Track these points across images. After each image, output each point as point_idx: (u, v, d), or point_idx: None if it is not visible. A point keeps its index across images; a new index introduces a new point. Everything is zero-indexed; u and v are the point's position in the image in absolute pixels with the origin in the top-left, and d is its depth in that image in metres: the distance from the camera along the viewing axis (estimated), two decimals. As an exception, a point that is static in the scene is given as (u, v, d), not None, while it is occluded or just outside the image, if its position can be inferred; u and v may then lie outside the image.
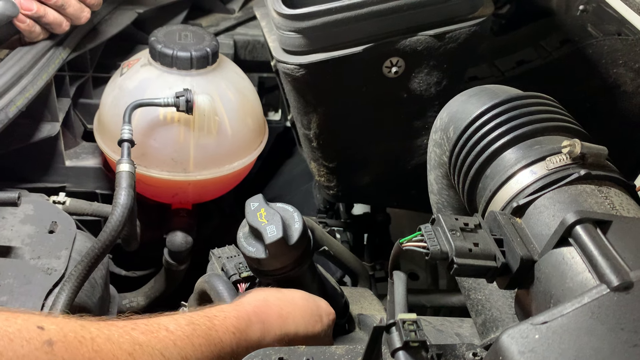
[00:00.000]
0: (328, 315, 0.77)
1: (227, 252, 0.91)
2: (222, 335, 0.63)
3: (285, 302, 0.73)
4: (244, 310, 0.68)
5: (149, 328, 0.58)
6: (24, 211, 0.96)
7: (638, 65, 1.02)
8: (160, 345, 0.56)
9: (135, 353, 0.54)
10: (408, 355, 0.51)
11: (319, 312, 0.76)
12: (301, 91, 0.99)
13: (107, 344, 0.53)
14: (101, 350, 0.52)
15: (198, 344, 0.60)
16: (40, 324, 0.51)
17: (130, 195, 0.95)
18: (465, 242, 0.58)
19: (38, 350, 0.49)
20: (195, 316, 0.63)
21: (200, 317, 0.63)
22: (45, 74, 1.10)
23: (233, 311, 0.67)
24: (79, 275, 0.84)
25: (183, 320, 0.61)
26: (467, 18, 0.93)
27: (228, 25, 1.51)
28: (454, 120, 0.76)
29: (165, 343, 0.57)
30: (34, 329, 0.50)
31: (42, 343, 0.49)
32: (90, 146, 1.31)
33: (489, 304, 0.80)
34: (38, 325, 0.51)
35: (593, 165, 0.63)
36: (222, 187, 1.29)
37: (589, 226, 0.54)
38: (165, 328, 0.59)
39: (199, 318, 0.63)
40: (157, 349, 0.56)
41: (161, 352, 0.56)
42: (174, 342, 0.58)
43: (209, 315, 0.64)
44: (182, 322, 0.61)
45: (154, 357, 0.55)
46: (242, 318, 0.66)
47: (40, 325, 0.51)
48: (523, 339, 0.47)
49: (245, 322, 0.66)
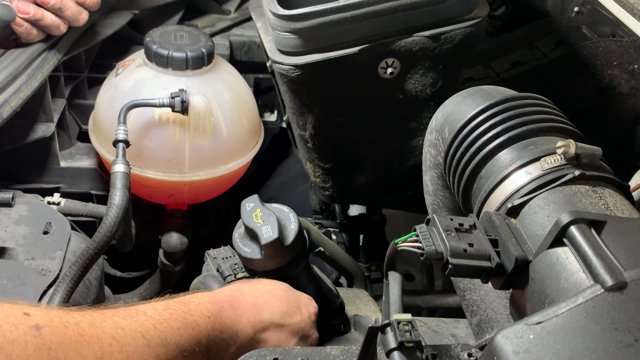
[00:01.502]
0: (308, 307, 0.78)
1: (222, 253, 0.91)
2: (198, 319, 0.64)
3: (261, 292, 0.74)
4: (217, 297, 0.70)
5: (128, 314, 0.60)
6: (19, 212, 0.96)
7: (632, 67, 1.03)
8: (141, 328, 0.58)
9: (117, 336, 0.56)
10: (403, 356, 0.51)
11: (297, 303, 0.76)
12: (297, 92, 0.99)
13: (91, 328, 0.55)
14: (86, 334, 0.54)
15: (176, 327, 0.61)
16: (26, 311, 0.52)
17: (125, 196, 0.95)
18: (460, 243, 0.58)
19: (27, 334, 0.50)
20: (171, 302, 0.65)
21: (176, 303, 0.65)
22: (40, 75, 1.10)
23: (207, 297, 0.69)
24: (74, 276, 0.84)
25: (160, 306, 0.63)
26: (462, 19, 0.94)
27: (224, 26, 1.51)
28: (449, 121, 0.76)
29: (145, 326, 0.59)
30: (21, 315, 0.51)
31: (30, 328, 0.50)
32: (85, 147, 1.31)
33: (484, 304, 0.80)
34: (24, 312, 0.52)
35: (587, 166, 0.63)
36: (218, 188, 1.29)
37: (584, 226, 0.54)
38: (143, 313, 0.61)
39: (174, 303, 0.65)
40: (138, 331, 0.58)
41: (142, 334, 0.58)
42: (153, 325, 0.59)
43: (183, 301, 0.66)
44: (159, 307, 0.63)
45: (136, 340, 0.57)
46: (215, 304, 0.68)
47: (26, 312, 0.52)
48: (518, 339, 0.47)
49: (219, 307, 0.68)
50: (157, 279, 1.30)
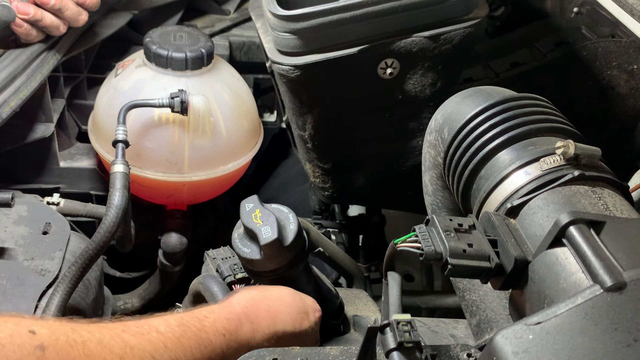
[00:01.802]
0: (314, 311, 0.77)
1: (222, 253, 0.91)
2: (213, 337, 0.63)
3: (272, 300, 0.73)
4: (234, 311, 0.69)
5: (139, 330, 0.58)
6: (18, 212, 0.96)
7: (632, 67, 1.03)
8: (151, 347, 0.57)
9: (126, 356, 0.54)
10: (402, 356, 0.51)
11: (305, 309, 0.76)
12: (296, 92, 0.99)
13: (98, 348, 0.53)
14: (92, 354, 0.52)
15: (189, 346, 0.60)
16: (32, 328, 0.51)
17: (124, 196, 0.95)
18: (459, 243, 0.58)
19: (30, 355, 0.49)
20: (186, 317, 0.64)
21: (191, 319, 0.64)
22: (40, 75, 1.10)
23: (223, 312, 0.68)
24: (73, 276, 0.84)
25: (174, 322, 0.62)
26: (461, 20, 0.94)
27: (223, 26, 1.51)
28: (448, 122, 0.76)
29: (155, 345, 0.57)
30: (26, 333, 0.50)
31: (34, 348, 0.49)
32: (84, 147, 1.31)
33: (483, 305, 0.80)
34: (29, 330, 0.51)
35: (587, 166, 0.63)
36: (217, 188, 1.29)
37: (583, 227, 0.54)
38: (155, 329, 0.59)
39: (189, 319, 0.63)
40: (147, 351, 0.56)
41: (152, 354, 0.56)
42: (164, 344, 0.58)
43: (199, 317, 0.65)
44: (173, 323, 0.61)
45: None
46: (232, 320, 0.67)
47: (31, 329, 0.51)
48: (517, 339, 0.47)
49: (236, 324, 0.66)
50: (157, 280, 1.30)
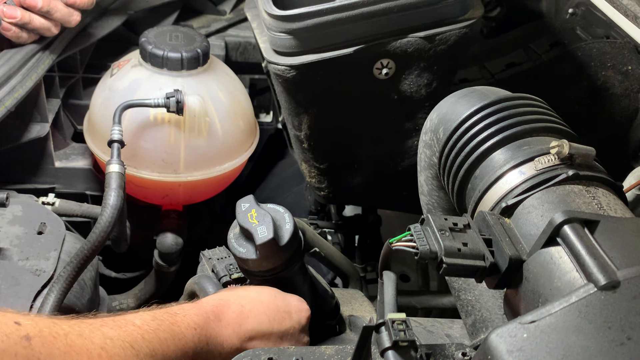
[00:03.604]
0: (299, 311, 0.77)
1: (217, 254, 0.90)
2: (185, 330, 0.65)
3: (247, 300, 0.74)
4: (202, 307, 0.70)
5: (117, 324, 0.60)
6: (13, 212, 0.95)
7: (626, 68, 1.03)
8: (130, 338, 0.59)
9: (106, 346, 0.56)
10: (397, 355, 0.51)
11: (287, 308, 0.76)
12: (292, 92, 0.99)
13: (79, 339, 0.55)
14: (75, 345, 0.54)
15: (164, 338, 0.62)
16: (17, 320, 0.53)
17: (120, 196, 0.95)
18: (454, 242, 0.58)
19: (17, 345, 0.50)
20: (159, 312, 0.66)
21: (163, 314, 0.66)
22: (35, 75, 1.10)
23: (193, 309, 0.69)
24: (68, 276, 0.84)
25: (148, 317, 0.64)
26: (457, 20, 0.94)
27: (219, 26, 1.51)
28: (443, 122, 0.76)
29: (134, 336, 0.59)
30: (12, 324, 0.52)
31: (21, 338, 0.51)
32: (80, 147, 1.31)
33: (478, 304, 0.80)
34: (15, 321, 0.52)
35: (581, 166, 0.63)
36: (213, 189, 1.29)
37: (577, 226, 0.54)
38: (132, 323, 0.61)
39: (162, 314, 0.65)
40: (127, 341, 0.58)
41: (131, 344, 0.58)
42: (142, 335, 0.60)
43: (170, 312, 0.67)
44: (147, 318, 0.64)
45: (125, 350, 0.57)
46: (201, 315, 0.68)
47: (17, 321, 0.52)
48: (511, 338, 0.47)
49: (204, 319, 0.68)
50: (152, 280, 1.30)
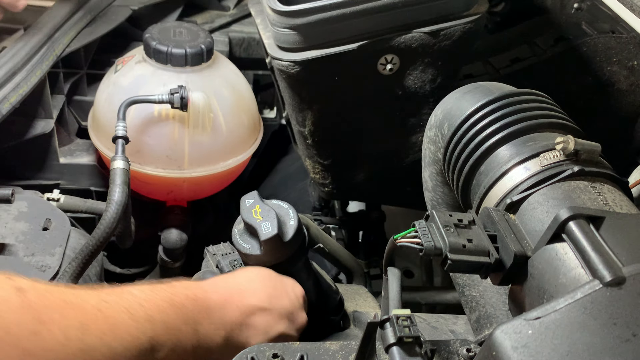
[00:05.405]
0: (295, 291, 0.78)
1: (222, 249, 0.91)
2: (184, 300, 0.65)
3: (244, 279, 0.75)
4: (200, 284, 0.71)
5: (114, 292, 0.61)
6: (18, 208, 0.96)
7: (632, 63, 1.03)
8: (127, 304, 0.59)
9: (102, 308, 0.56)
10: (402, 351, 0.51)
11: (283, 287, 0.76)
12: (296, 88, 0.99)
13: (75, 298, 0.56)
14: (70, 301, 0.55)
15: (163, 307, 0.62)
16: (10, 277, 0.53)
17: (124, 192, 0.95)
18: (459, 238, 0.58)
19: (12, 294, 0.51)
20: (157, 285, 0.66)
21: (162, 286, 0.66)
22: (39, 71, 1.10)
23: (192, 284, 0.70)
24: (73, 272, 0.84)
25: (146, 288, 0.64)
26: (461, 15, 0.94)
27: (223, 22, 1.51)
28: (448, 117, 0.76)
29: (130, 303, 0.59)
30: (4, 279, 0.53)
31: (15, 289, 0.52)
32: (84, 143, 1.31)
33: (483, 300, 0.80)
34: (7, 277, 0.53)
35: (586, 162, 0.63)
36: (217, 185, 1.29)
37: (582, 222, 0.54)
38: (129, 292, 0.61)
39: (160, 286, 0.66)
40: (123, 306, 0.58)
41: (127, 309, 0.58)
42: (139, 303, 0.60)
43: (169, 285, 0.67)
44: (145, 288, 0.64)
45: (121, 313, 0.57)
46: (200, 288, 0.69)
47: (9, 277, 0.53)
48: (516, 334, 0.47)
49: (204, 292, 0.68)
50: (157, 276, 1.30)
